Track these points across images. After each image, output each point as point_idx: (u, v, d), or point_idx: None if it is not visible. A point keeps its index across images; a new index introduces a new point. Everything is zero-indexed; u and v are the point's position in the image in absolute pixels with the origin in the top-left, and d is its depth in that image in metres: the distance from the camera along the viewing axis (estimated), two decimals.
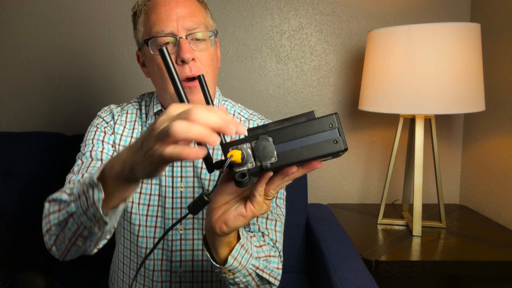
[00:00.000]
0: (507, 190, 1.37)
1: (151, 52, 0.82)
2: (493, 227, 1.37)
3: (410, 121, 1.39)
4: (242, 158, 0.52)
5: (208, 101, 0.59)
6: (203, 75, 0.60)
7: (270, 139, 0.52)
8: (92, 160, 0.84)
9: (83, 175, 0.79)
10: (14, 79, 1.66)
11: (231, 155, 0.51)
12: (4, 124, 1.68)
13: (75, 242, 0.66)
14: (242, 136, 0.88)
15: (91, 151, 0.86)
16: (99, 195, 0.57)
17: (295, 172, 0.54)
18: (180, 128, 0.43)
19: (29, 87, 1.66)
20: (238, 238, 0.68)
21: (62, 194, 0.67)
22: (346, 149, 0.50)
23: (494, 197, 1.45)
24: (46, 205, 0.69)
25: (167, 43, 0.82)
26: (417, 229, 1.30)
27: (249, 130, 0.54)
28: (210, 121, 0.45)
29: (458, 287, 1.61)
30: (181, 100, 0.55)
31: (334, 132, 0.50)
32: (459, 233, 1.33)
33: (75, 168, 0.83)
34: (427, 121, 1.37)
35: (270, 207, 0.61)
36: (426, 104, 1.20)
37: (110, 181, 0.57)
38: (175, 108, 0.48)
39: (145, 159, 0.49)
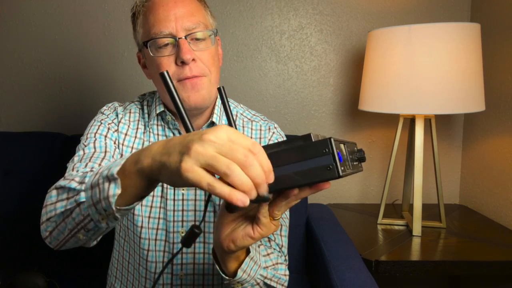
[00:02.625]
0: (507, 190, 1.37)
1: (151, 54, 0.82)
2: (493, 227, 1.37)
3: (410, 121, 1.39)
4: None
5: (228, 113, 0.59)
6: (223, 87, 0.59)
7: None
8: (95, 151, 0.82)
9: (86, 164, 0.77)
10: (14, 79, 1.66)
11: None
12: (4, 124, 1.68)
13: (75, 234, 0.63)
14: (244, 126, 0.85)
15: (94, 142, 0.84)
16: (115, 190, 0.54)
17: (299, 193, 0.53)
18: (243, 180, 0.44)
19: (29, 87, 1.66)
20: (247, 251, 0.68)
21: (71, 182, 0.63)
22: (340, 177, 0.48)
23: (494, 197, 1.45)
24: (54, 192, 0.66)
25: (166, 45, 0.81)
26: (417, 229, 1.30)
27: None
28: (261, 178, 0.46)
29: (458, 287, 1.61)
30: (185, 125, 0.54)
31: (328, 158, 0.48)
32: (459, 233, 1.33)
33: (75, 158, 0.80)
34: (427, 121, 1.37)
35: (279, 226, 0.61)
36: (426, 104, 1.20)
37: (130, 175, 0.53)
38: (232, 137, 0.45)
39: (178, 173, 0.46)
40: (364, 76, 1.36)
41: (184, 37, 0.80)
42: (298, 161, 0.49)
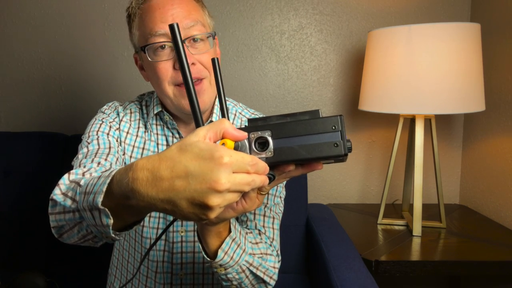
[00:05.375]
0: (507, 190, 1.37)
1: (149, 59, 0.81)
2: (493, 227, 1.37)
3: (410, 121, 1.39)
4: (236, 148, 0.49)
5: (218, 84, 0.57)
6: (217, 59, 0.58)
7: (269, 133, 0.50)
8: (100, 147, 0.81)
9: (92, 159, 0.76)
10: (14, 79, 1.65)
11: (223, 143, 0.48)
12: (4, 124, 1.68)
13: (84, 242, 0.63)
14: (242, 126, 0.86)
15: (97, 139, 0.83)
16: (107, 221, 0.51)
17: (292, 170, 0.52)
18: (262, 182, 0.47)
19: (29, 87, 1.66)
20: (230, 231, 0.67)
21: (66, 200, 0.61)
22: (346, 154, 0.48)
23: (494, 197, 1.44)
24: (50, 203, 0.64)
25: (164, 47, 0.79)
26: (417, 229, 1.30)
27: (249, 120, 0.53)
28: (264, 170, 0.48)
29: (458, 287, 1.61)
30: (187, 88, 0.51)
31: (336, 135, 0.48)
32: (459, 233, 1.32)
33: (80, 155, 0.79)
34: (427, 121, 1.37)
35: (262, 203, 0.60)
36: (426, 104, 1.20)
37: (122, 208, 0.50)
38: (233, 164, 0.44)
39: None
40: (364, 76, 1.36)
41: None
42: (304, 134, 0.49)
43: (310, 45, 1.62)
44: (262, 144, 0.50)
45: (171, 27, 0.49)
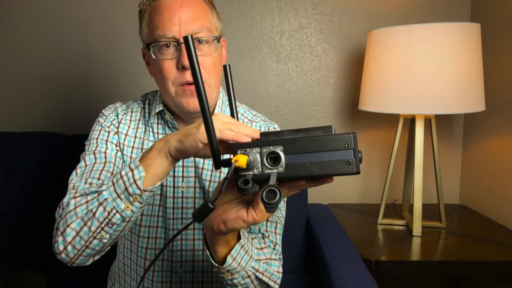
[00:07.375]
0: (507, 190, 1.37)
1: (153, 56, 0.82)
2: (493, 227, 1.37)
3: (410, 121, 1.39)
4: (248, 164, 0.50)
5: (229, 90, 0.59)
6: (229, 65, 0.59)
7: (281, 148, 0.50)
8: (96, 162, 0.83)
9: (86, 180, 0.78)
10: (14, 79, 1.66)
11: (236, 161, 0.49)
12: (4, 124, 1.68)
13: (98, 234, 0.68)
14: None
15: (94, 150, 0.85)
16: (140, 173, 0.64)
17: (303, 184, 0.53)
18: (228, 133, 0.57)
19: (29, 87, 1.66)
20: (238, 237, 0.68)
21: (90, 188, 0.71)
22: (358, 172, 0.48)
23: (494, 197, 1.44)
24: (72, 201, 0.71)
25: (169, 46, 0.81)
26: (417, 229, 1.30)
27: (261, 134, 0.53)
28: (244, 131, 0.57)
29: (458, 287, 1.61)
30: (199, 93, 0.52)
31: (349, 153, 0.48)
32: (459, 233, 1.33)
33: (78, 170, 0.82)
34: (427, 121, 1.37)
35: (272, 214, 0.60)
36: (426, 104, 1.20)
37: (152, 158, 0.64)
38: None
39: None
40: (364, 76, 1.36)
41: None
42: (317, 151, 0.49)
43: (310, 45, 1.62)
44: (274, 159, 0.50)
45: (186, 39, 0.50)
